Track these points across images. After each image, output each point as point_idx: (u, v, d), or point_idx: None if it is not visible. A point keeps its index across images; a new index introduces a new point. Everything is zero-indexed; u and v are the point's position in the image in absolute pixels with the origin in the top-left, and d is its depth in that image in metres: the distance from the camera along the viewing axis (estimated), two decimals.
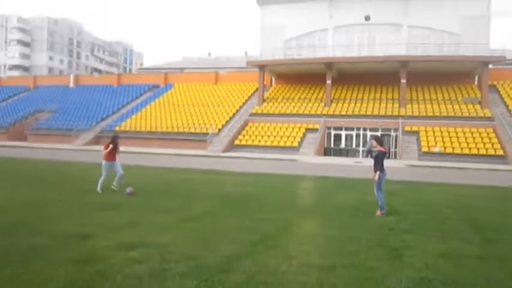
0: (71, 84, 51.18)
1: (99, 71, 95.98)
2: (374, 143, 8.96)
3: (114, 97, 46.11)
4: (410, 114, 33.57)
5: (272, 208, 9.01)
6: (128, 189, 10.37)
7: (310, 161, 26.40)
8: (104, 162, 10.80)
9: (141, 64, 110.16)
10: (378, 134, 32.17)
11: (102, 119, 40.70)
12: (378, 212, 8.60)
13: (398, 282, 4.71)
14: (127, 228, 6.72)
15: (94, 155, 25.58)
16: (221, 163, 23.30)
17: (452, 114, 32.86)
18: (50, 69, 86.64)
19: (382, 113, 34.16)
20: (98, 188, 10.51)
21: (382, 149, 8.88)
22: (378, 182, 8.70)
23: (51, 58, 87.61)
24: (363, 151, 32.94)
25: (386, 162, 9.43)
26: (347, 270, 5.07)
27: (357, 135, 33.91)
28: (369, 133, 33.19)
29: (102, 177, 10.66)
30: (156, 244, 5.79)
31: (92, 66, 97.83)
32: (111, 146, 10.75)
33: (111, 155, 10.83)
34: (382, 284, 4.68)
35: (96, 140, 37.01)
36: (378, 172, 8.64)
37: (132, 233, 6.36)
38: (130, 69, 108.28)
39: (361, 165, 24.52)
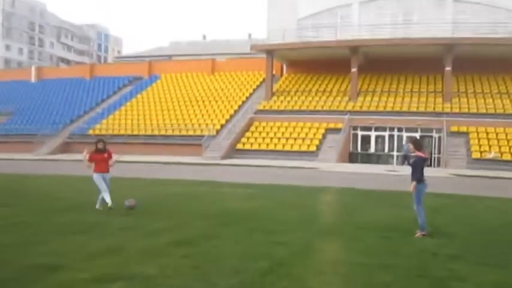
0: (33, 79, 51.73)
1: (68, 62, 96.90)
2: (411, 147, 9.02)
3: (87, 93, 46.54)
4: (458, 110, 33.54)
5: (285, 228, 9.05)
6: (128, 202, 10.65)
7: (331, 169, 26.40)
8: (94, 175, 10.83)
9: (119, 52, 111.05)
10: (417, 135, 32.13)
11: (72, 121, 41.06)
12: (418, 233, 8.61)
13: None
14: (106, 255, 6.79)
15: (63, 166, 25.77)
16: (220, 172, 23.30)
17: (511, 111, 32.76)
18: (7, 61, 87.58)
19: (422, 108, 34.16)
20: (109, 204, 10.64)
21: (421, 154, 8.93)
22: (417, 195, 8.73)
23: (7, 47, 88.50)
24: (397, 157, 32.89)
25: (428, 171, 9.46)
26: None
27: (390, 137, 33.87)
28: (405, 134, 33.14)
29: (102, 192, 10.77)
30: (141, 275, 5.83)
31: (58, 55, 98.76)
32: (100, 153, 10.84)
33: (103, 166, 10.86)
34: None
35: (65, 148, 37.32)
36: (414, 182, 8.66)
37: (112, 262, 6.42)
38: (105, 59, 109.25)
39: (396, 175, 24.47)
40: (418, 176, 8.72)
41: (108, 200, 10.73)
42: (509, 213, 11.70)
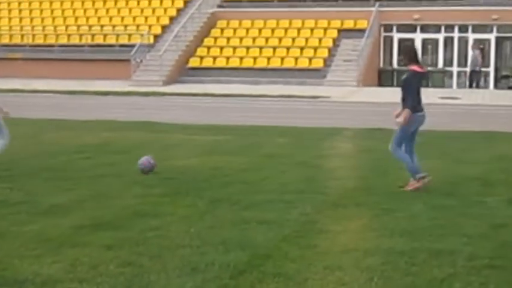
0: None
1: None
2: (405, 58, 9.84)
3: None
4: None
5: (271, 198, 9.14)
6: (143, 163, 10.90)
7: (349, 98, 26.48)
8: None
9: None
10: (491, 37, 32.17)
11: None
12: (409, 185, 9.70)
13: None
14: None
15: None
16: (163, 107, 23.14)
17: None
18: None
19: None
20: None
21: (415, 67, 9.51)
22: (403, 131, 9.59)
23: None
24: (459, 74, 33.13)
25: (510, 97, 9.87)
26: None
27: (448, 42, 33.92)
28: (471, 36, 33.20)
29: None
30: (36, 278, 5.81)
31: None
32: None
33: None
34: None
35: None
36: (407, 111, 9.37)
37: None
38: None
39: (456, 104, 24.77)
40: (411, 101, 9.39)
41: None
42: None
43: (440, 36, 33.91)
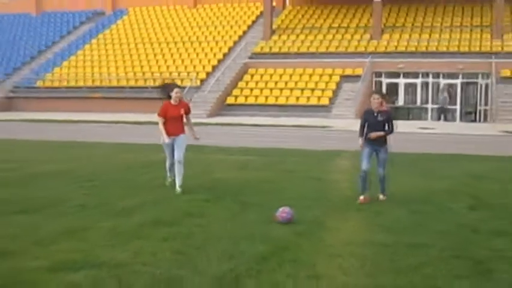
0: None
1: None
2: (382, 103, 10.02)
3: (33, 33, 46.00)
4: (511, 50, 33.36)
5: (288, 203, 9.08)
6: (285, 213, 7.98)
7: (349, 127, 26.36)
8: (165, 139, 10.92)
9: None
10: (457, 82, 32.12)
11: (15, 70, 40.76)
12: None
13: None
14: (65, 239, 6.87)
15: (4, 127, 25.74)
16: (207, 134, 23.27)
17: None
18: None
19: (465, 48, 33.94)
20: (168, 177, 10.98)
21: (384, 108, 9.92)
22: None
23: None
24: (433, 110, 32.97)
25: (472, 128, 9.92)
26: None
27: (424, 86, 33.86)
28: (442, 82, 33.12)
29: (168, 161, 11.02)
30: (111, 262, 5.92)
31: None
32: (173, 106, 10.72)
33: (177, 126, 11.11)
34: None
35: (7, 104, 37.15)
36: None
37: (73, 247, 6.51)
38: None
39: (431, 133, 24.61)
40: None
41: (168, 171, 10.87)
42: None
43: (418, 81, 33.97)
